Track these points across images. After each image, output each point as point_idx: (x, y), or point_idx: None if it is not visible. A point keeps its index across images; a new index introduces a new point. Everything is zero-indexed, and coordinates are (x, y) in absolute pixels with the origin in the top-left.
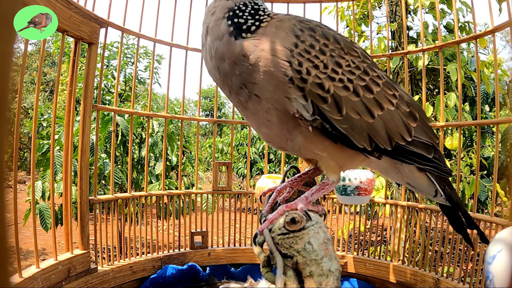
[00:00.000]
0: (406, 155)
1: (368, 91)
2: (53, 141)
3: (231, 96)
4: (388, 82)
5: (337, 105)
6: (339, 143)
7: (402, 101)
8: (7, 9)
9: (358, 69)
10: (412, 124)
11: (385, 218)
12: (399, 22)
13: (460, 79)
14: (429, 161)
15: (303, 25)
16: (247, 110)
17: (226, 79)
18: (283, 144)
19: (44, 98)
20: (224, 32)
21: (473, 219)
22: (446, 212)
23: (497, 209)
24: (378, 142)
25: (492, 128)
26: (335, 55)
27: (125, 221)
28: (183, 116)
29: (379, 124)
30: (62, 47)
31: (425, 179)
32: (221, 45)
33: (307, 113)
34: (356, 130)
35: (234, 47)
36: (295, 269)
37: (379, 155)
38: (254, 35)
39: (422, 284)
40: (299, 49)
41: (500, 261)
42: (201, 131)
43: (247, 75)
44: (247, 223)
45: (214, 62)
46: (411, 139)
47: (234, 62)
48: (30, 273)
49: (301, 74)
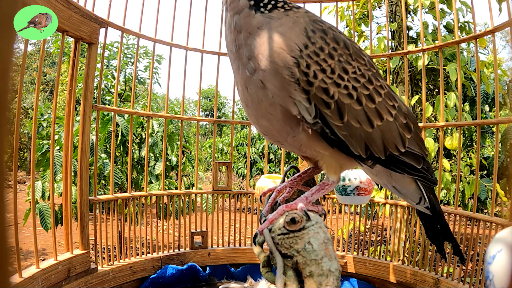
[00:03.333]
0: (397, 164)
1: (370, 100)
2: (53, 141)
3: (238, 71)
4: (390, 93)
5: (339, 111)
6: (336, 148)
7: (400, 112)
8: (7, 9)
9: (363, 77)
10: (407, 135)
11: (385, 218)
12: (399, 22)
13: (460, 79)
14: (418, 171)
15: (316, 26)
16: (248, 93)
17: (240, 49)
18: (281, 139)
19: (44, 98)
20: (244, 6)
21: (451, 232)
22: (423, 221)
23: (497, 209)
24: (373, 151)
25: (492, 128)
26: (342, 61)
27: (125, 221)
28: (183, 116)
29: (377, 134)
30: (62, 47)
31: (413, 184)
32: (239, 19)
33: (309, 116)
34: (354, 137)
35: (251, 19)
36: (295, 269)
37: (373, 163)
38: (270, 14)
39: (422, 284)
40: (309, 50)
41: (500, 261)
42: (201, 131)
43: (254, 48)
44: (247, 223)
45: (233, 36)
46: (404, 150)
47: (249, 33)
48: (30, 273)
49: (308, 77)
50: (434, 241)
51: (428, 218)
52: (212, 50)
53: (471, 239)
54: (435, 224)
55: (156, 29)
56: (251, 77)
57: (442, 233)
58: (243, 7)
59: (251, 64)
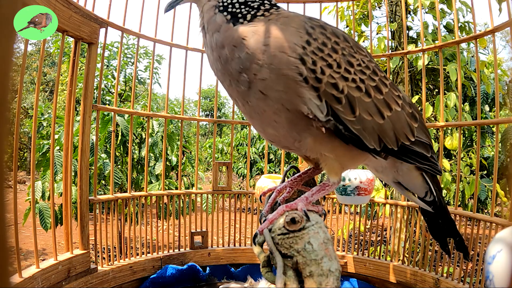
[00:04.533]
0: (409, 154)
1: (378, 91)
2: (53, 141)
3: (231, 87)
4: (392, 83)
5: (350, 106)
6: (350, 144)
7: (405, 102)
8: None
9: (368, 68)
10: (414, 124)
11: (385, 218)
12: (399, 22)
13: (460, 79)
14: (428, 160)
15: (313, 22)
16: (249, 106)
17: (227, 65)
18: (289, 144)
19: (44, 98)
20: (221, 22)
21: (456, 227)
22: (427, 218)
23: (497, 209)
24: (386, 142)
25: (492, 128)
26: (346, 54)
27: (125, 221)
28: (183, 116)
29: (388, 125)
30: (62, 47)
31: (420, 178)
32: (220, 34)
33: (321, 114)
34: (367, 131)
35: (232, 32)
36: (295, 269)
37: (386, 156)
38: (252, 23)
39: (422, 284)
40: (312, 47)
41: (500, 261)
42: (201, 131)
43: (246, 60)
44: (247, 223)
45: (216, 53)
46: (414, 139)
47: (234, 46)
48: (30, 273)
49: (316, 74)
50: (437, 237)
51: (430, 214)
52: None
53: (471, 239)
54: (438, 219)
55: (156, 29)
56: (248, 90)
57: (446, 228)
58: (220, 24)
59: (244, 77)
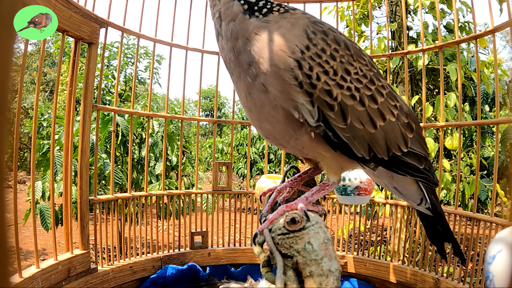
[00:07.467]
0: (400, 166)
1: (373, 101)
2: (53, 141)
3: (240, 78)
4: (391, 92)
5: (342, 113)
6: (338, 151)
7: (402, 112)
8: (7, 9)
9: (365, 77)
10: (409, 135)
11: (385, 218)
12: (399, 22)
13: (460, 79)
14: (420, 172)
15: (316, 27)
16: (251, 98)
17: (239, 56)
18: (284, 142)
19: (44, 98)
20: (238, 12)
21: (452, 233)
22: (424, 222)
23: (497, 209)
24: (376, 152)
25: (492, 128)
26: (344, 62)
27: (125, 221)
28: (183, 116)
29: (380, 135)
30: (62, 47)
31: (414, 185)
32: (235, 25)
33: (312, 119)
34: (357, 139)
35: (247, 25)
36: (295, 269)
37: (375, 166)
38: (267, 18)
39: (422, 284)
40: (311, 52)
41: (500, 261)
42: (201, 131)
43: (255, 54)
44: (247, 223)
45: (230, 43)
46: (407, 150)
47: (247, 39)
48: (30, 273)
49: (311, 79)
50: (434, 242)
51: (428, 219)
52: (212, 50)
53: (471, 239)
54: (435, 225)
55: (156, 29)
56: (253, 82)
57: (443, 234)
58: (237, 13)
59: (252, 70)
